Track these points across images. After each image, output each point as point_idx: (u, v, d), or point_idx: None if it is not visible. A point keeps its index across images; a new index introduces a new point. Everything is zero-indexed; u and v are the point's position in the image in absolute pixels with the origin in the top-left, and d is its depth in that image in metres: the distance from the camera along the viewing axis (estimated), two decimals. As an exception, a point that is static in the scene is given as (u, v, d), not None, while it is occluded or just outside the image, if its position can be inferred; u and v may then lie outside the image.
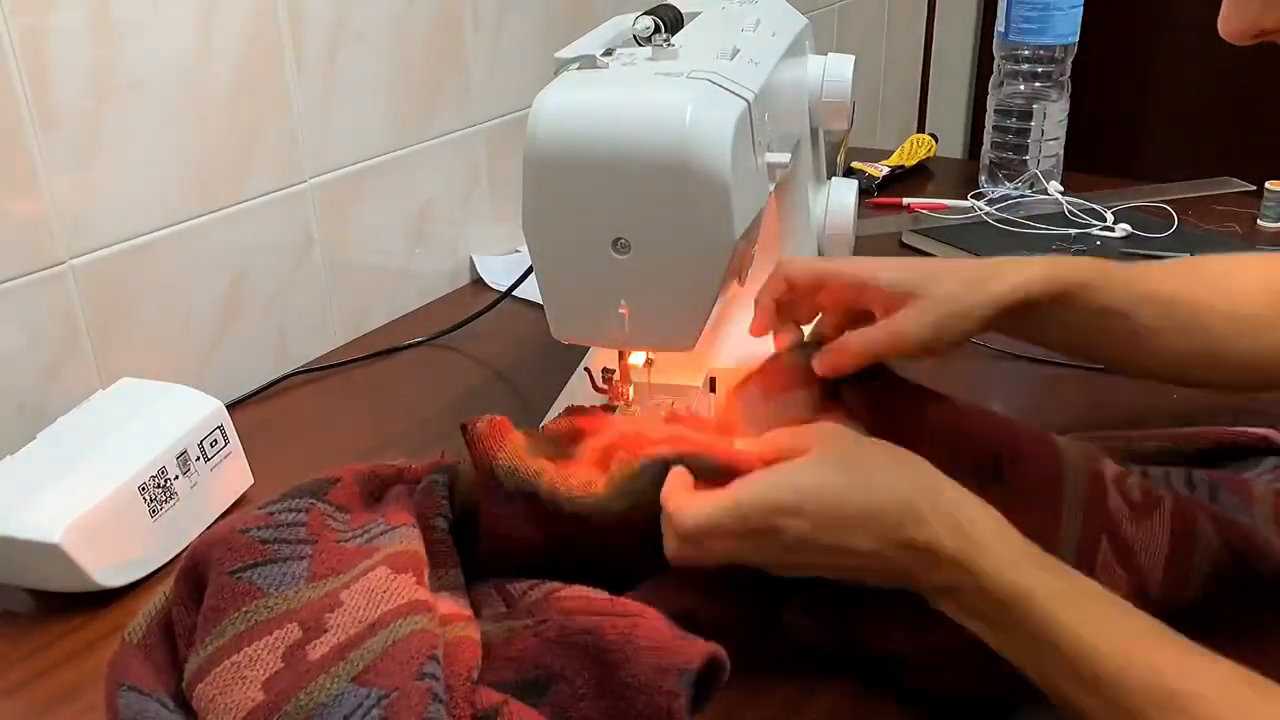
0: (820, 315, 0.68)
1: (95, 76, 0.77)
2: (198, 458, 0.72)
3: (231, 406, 0.90)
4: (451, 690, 0.50)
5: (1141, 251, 1.10)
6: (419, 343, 1.01)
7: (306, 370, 0.97)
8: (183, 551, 0.61)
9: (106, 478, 0.67)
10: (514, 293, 1.00)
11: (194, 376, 0.84)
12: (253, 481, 0.77)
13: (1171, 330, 0.68)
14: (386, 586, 0.54)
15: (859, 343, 0.63)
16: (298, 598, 0.54)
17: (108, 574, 0.66)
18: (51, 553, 0.63)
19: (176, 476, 0.70)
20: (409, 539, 0.58)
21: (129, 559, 0.68)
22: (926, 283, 0.63)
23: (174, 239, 0.85)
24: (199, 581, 0.56)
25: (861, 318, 0.65)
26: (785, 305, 0.66)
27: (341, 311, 1.02)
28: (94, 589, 0.66)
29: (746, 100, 0.61)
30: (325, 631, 0.52)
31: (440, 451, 0.67)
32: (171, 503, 0.70)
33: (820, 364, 0.63)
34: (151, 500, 0.68)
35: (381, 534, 0.59)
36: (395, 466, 0.66)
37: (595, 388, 0.70)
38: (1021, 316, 0.64)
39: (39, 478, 0.68)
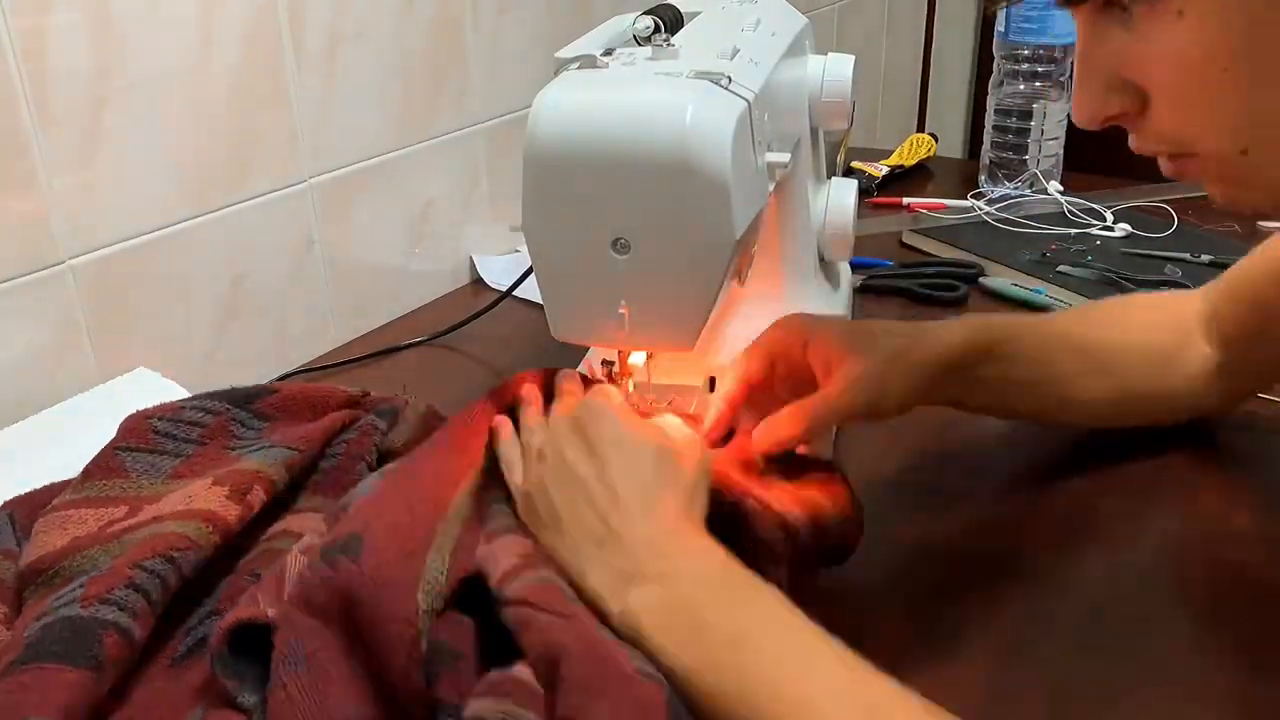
0: None
1: (95, 76, 0.77)
2: None
3: (231, 406, 0.90)
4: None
5: (1141, 251, 1.10)
6: (419, 343, 1.01)
7: (306, 370, 0.97)
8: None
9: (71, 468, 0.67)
10: (514, 293, 1.00)
11: (194, 376, 0.84)
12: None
13: (1090, 375, 0.72)
14: (194, 493, 0.60)
15: (802, 414, 0.63)
16: (149, 487, 0.63)
17: None
18: None
19: None
20: (270, 458, 0.64)
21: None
22: (867, 341, 0.65)
23: (173, 239, 0.85)
24: None
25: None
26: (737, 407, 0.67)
27: (341, 311, 1.02)
28: None
29: (746, 100, 0.61)
30: (134, 517, 0.60)
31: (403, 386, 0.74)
32: None
33: (757, 444, 0.64)
34: None
35: (259, 449, 0.65)
36: (348, 394, 0.72)
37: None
38: (945, 381, 0.66)
39: (28, 459, 0.69)
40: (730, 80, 0.61)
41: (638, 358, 0.69)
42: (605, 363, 0.70)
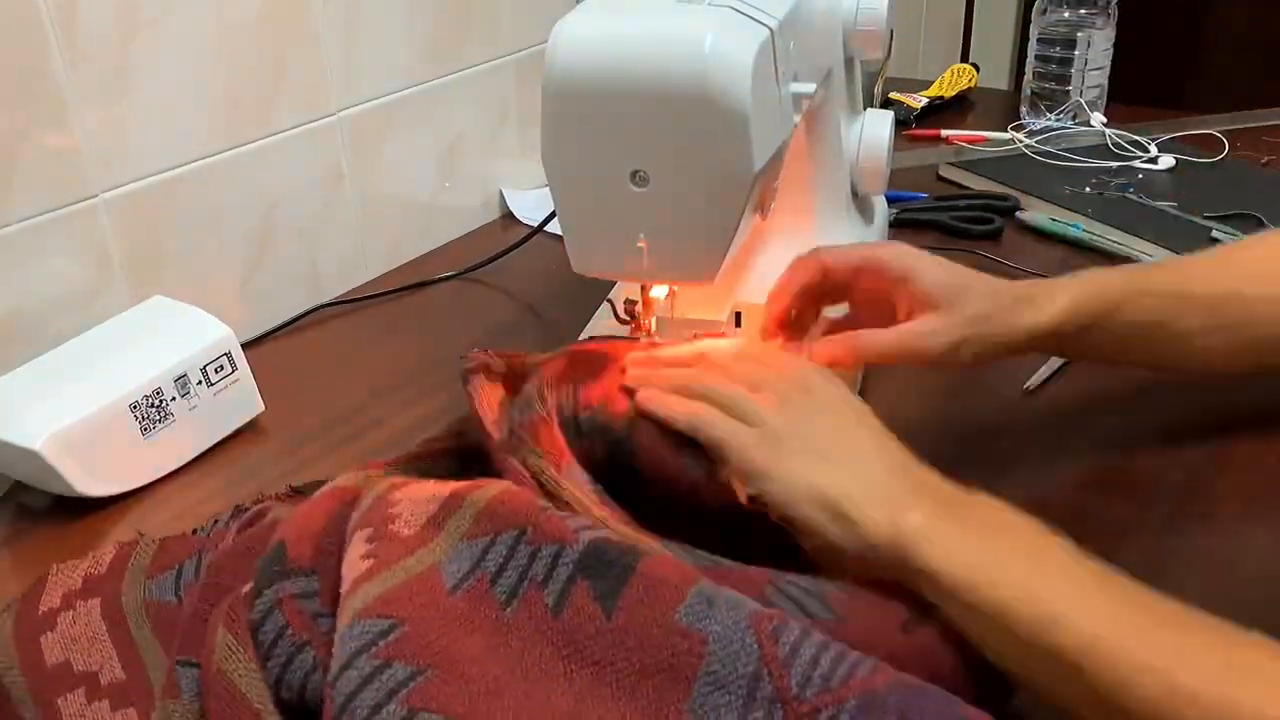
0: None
1: (121, 10, 0.77)
2: (199, 382, 0.74)
3: (263, 337, 0.91)
4: None
5: (1186, 187, 1.07)
6: (449, 277, 1.01)
7: (339, 302, 0.98)
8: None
9: (100, 393, 0.69)
10: (544, 227, 1.00)
11: (227, 309, 0.85)
12: (263, 408, 0.79)
13: (1216, 330, 0.66)
14: None
15: (870, 343, 0.62)
16: None
17: (91, 484, 0.69)
18: (34, 459, 0.66)
19: (174, 398, 0.72)
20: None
21: (115, 472, 0.70)
22: (961, 296, 0.62)
23: (204, 172, 0.86)
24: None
25: (883, 315, 0.64)
26: (809, 293, 0.65)
27: (373, 245, 1.03)
28: (76, 495, 0.69)
29: (769, 28, 0.60)
30: None
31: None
32: (166, 423, 0.72)
33: (818, 353, 0.63)
34: (143, 419, 0.71)
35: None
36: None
37: (618, 319, 0.70)
38: (1051, 342, 0.64)
39: (43, 387, 0.71)
40: (752, 8, 0.60)
41: (659, 291, 0.69)
42: (628, 301, 0.70)
